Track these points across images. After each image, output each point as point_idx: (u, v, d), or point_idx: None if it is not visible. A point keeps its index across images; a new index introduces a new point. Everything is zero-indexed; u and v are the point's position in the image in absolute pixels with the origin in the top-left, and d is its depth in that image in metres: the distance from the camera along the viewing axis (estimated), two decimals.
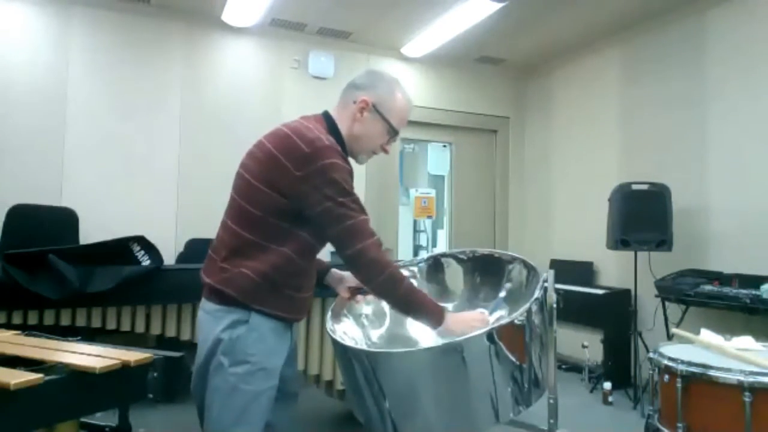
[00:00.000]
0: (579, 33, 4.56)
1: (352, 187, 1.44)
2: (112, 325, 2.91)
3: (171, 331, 2.96)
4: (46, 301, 2.71)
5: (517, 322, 1.37)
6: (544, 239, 5.21)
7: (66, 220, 3.64)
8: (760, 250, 3.40)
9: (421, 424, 1.36)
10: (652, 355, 2.11)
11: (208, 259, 1.54)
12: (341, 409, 3.37)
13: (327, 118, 1.56)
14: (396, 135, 1.60)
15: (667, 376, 2.00)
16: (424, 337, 1.73)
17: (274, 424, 1.56)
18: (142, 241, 3.07)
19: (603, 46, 4.66)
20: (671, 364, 1.97)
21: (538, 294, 1.45)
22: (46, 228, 3.51)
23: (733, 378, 1.80)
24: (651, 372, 2.13)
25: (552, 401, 1.59)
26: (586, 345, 4.15)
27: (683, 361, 1.94)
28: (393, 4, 4.07)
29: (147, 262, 2.99)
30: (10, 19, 3.78)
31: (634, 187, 3.76)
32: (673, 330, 2.49)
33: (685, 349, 2.13)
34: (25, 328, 2.05)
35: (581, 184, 4.83)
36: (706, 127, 3.80)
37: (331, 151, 1.42)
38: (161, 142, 4.15)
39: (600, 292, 4.23)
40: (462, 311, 1.79)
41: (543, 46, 4.86)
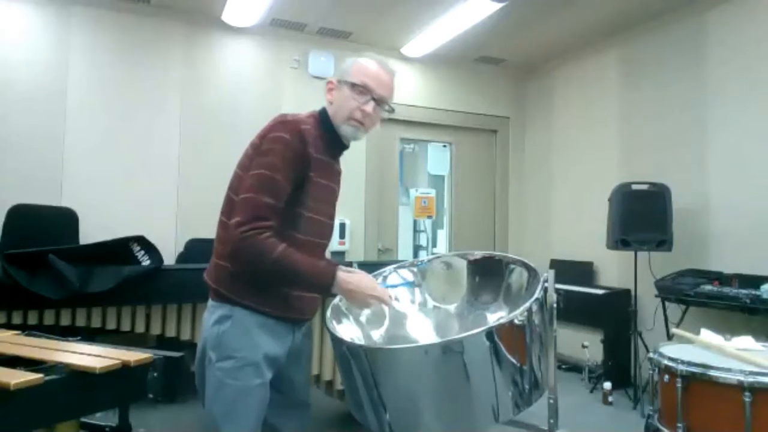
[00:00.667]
0: (579, 33, 4.56)
1: (287, 164, 1.42)
2: (112, 325, 2.91)
3: (171, 331, 2.96)
4: (46, 301, 2.71)
5: (517, 322, 1.37)
6: (544, 239, 5.21)
7: (66, 220, 3.65)
8: (760, 250, 3.40)
9: (419, 422, 1.36)
10: (652, 355, 2.11)
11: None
12: (341, 409, 3.37)
13: (321, 112, 1.61)
14: (366, 92, 1.54)
15: (667, 376, 2.00)
16: (423, 337, 1.73)
17: (279, 429, 1.57)
18: (142, 241, 3.07)
19: (603, 47, 4.66)
20: (671, 364, 1.97)
21: (538, 294, 1.45)
22: (46, 228, 3.51)
23: (733, 378, 1.80)
24: (651, 372, 2.13)
25: (552, 401, 1.59)
26: (586, 345, 4.16)
27: (683, 361, 1.94)
28: (393, 4, 4.07)
29: (147, 262, 2.99)
30: (10, 19, 3.78)
31: (634, 187, 3.76)
32: (673, 330, 2.49)
33: (685, 349, 2.13)
34: (25, 328, 2.06)
35: (581, 184, 4.83)
36: (706, 126, 3.80)
37: (284, 126, 1.46)
38: (161, 142, 4.15)
39: (600, 292, 4.23)
40: (461, 313, 1.80)
41: (543, 46, 4.86)
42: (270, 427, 1.53)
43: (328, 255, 1.94)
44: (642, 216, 3.65)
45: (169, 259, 3.70)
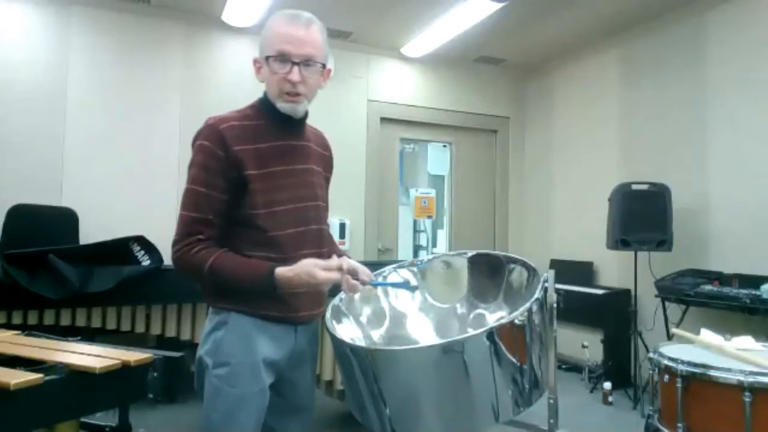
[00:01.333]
0: (579, 33, 4.55)
1: (210, 173, 1.38)
2: (112, 325, 2.91)
3: (171, 331, 2.96)
4: (46, 301, 2.72)
5: (517, 322, 1.37)
6: (544, 239, 5.20)
7: (66, 220, 3.65)
8: (760, 250, 3.40)
9: (420, 422, 1.36)
10: (652, 355, 2.11)
11: None
12: (341, 409, 3.37)
13: (261, 97, 1.55)
14: (286, 59, 1.41)
15: (667, 376, 2.00)
16: (424, 337, 1.73)
17: None
18: (142, 241, 3.07)
19: (603, 47, 4.66)
20: (671, 364, 1.97)
21: (538, 294, 1.45)
22: (46, 228, 3.51)
23: (733, 378, 1.80)
24: (651, 372, 2.13)
25: (552, 401, 1.59)
26: (586, 345, 4.16)
27: (683, 361, 1.94)
28: (393, 4, 4.07)
29: (147, 262, 3.00)
30: (10, 19, 3.78)
31: (634, 187, 3.76)
32: (673, 330, 2.49)
33: (685, 349, 2.13)
34: (25, 328, 2.06)
35: (581, 184, 4.83)
36: (706, 126, 3.80)
37: (203, 132, 1.42)
38: (161, 142, 4.15)
39: (600, 292, 4.23)
40: (461, 312, 1.80)
41: (543, 46, 4.86)
42: (269, 430, 1.47)
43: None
44: (642, 216, 3.65)
45: (169, 259, 3.69)
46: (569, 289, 4.24)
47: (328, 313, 1.57)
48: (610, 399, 3.72)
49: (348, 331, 1.63)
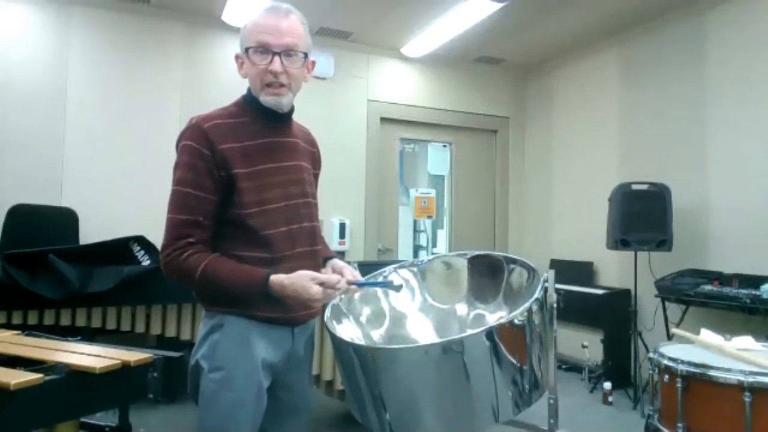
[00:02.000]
0: (579, 33, 4.55)
1: (198, 174, 1.36)
2: (112, 325, 2.91)
3: (171, 331, 2.96)
4: (46, 301, 2.72)
5: (517, 322, 1.37)
6: (544, 239, 5.20)
7: (66, 220, 3.65)
8: (760, 250, 3.40)
9: (419, 422, 1.36)
10: (652, 355, 2.11)
11: None
12: (341, 409, 3.37)
13: (247, 91, 1.52)
14: (266, 50, 1.39)
15: (667, 376, 2.00)
16: (424, 337, 1.73)
17: None
18: (142, 241, 3.07)
19: (603, 47, 4.65)
20: (671, 364, 1.97)
21: (538, 294, 1.45)
22: (46, 228, 3.51)
23: (733, 378, 1.80)
24: (651, 372, 2.13)
25: (552, 401, 1.59)
26: (586, 345, 4.16)
27: (683, 361, 1.94)
28: (393, 4, 4.07)
29: (147, 262, 3.00)
30: (10, 19, 3.78)
31: (634, 187, 3.76)
32: (673, 330, 2.49)
33: (685, 349, 2.13)
34: (25, 328, 2.06)
35: (581, 184, 4.83)
36: (706, 126, 3.80)
37: (187, 132, 1.40)
38: (161, 142, 4.14)
39: (600, 292, 4.23)
40: (461, 312, 1.80)
41: (543, 46, 4.86)
42: None
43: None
44: (642, 216, 3.65)
45: None
46: (569, 289, 4.24)
47: (328, 313, 1.57)
48: (610, 399, 3.72)
49: (348, 330, 1.63)
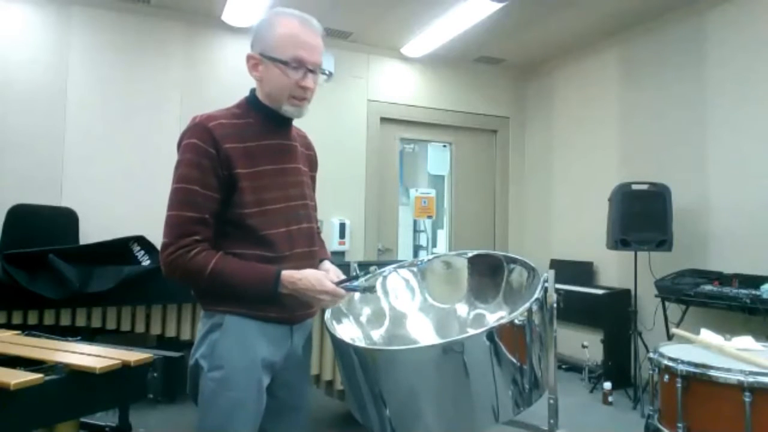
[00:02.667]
0: (579, 33, 4.55)
1: (203, 171, 1.36)
2: (112, 325, 2.91)
3: (171, 331, 2.96)
4: (46, 301, 2.72)
5: (517, 322, 1.37)
6: (544, 239, 5.20)
7: (66, 220, 3.65)
8: (761, 250, 3.40)
9: (420, 422, 1.36)
10: (652, 355, 2.11)
11: None
12: (341, 409, 3.37)
13: (250, 96, 1.53)
14: (301, 66, 1.41)
15: (667, 376, 2.00)
16: (424, 337, 1.73)
17: None
18: (142, 241, 3.07)
19: (603, 47, 4.65)
20: (671, 364, 1.97)
21: (538, 294, 1.45)
22: (46, 228, 3.52)
23: (733, 378, 1.80)
24: (651, 372, 2.13)
25: (552, 401, 1.59)
26: (586, 345, 4.16)
27: (683, 361, 1.94)
28: (393, 4, 4.07)
29: (147, 262, 3.00)
30: (10, 19, 3.78)
31: (634, 187, 3.77)
32: (673, 330, 2.49)
33: (685, 349, 2.13)
34: (25, 328, 2.06)
35: (581, 184, 4.83)
36: (706, 126, 3.80)
37: (191, 130, 1.39)
38: (161, 142, 4.15)
39: (600, 292, 4.23)
40: (461, 312, 1.80)
41: (543, 46, 4.86)
42: None
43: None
44: (642, 216, 3.65)
45: None
46: (569, 289, 4.24)
47: (328, 314, 1.57)
48: (610, 399, 3.72)
49: (348, 331, 1.63)
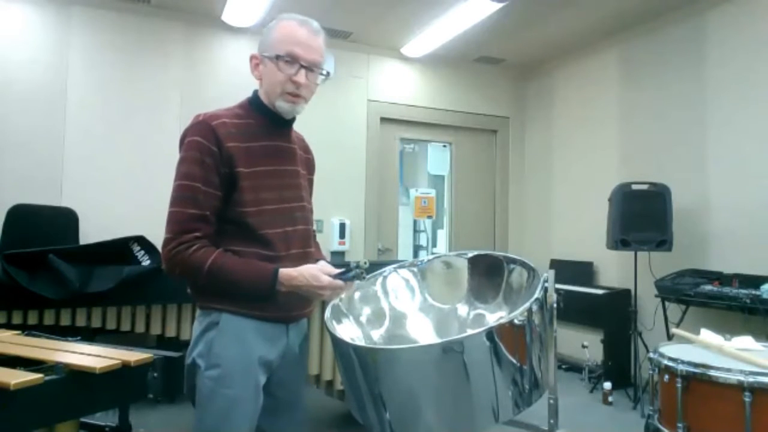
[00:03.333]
0: (579, 33, 4.55)
1: (205, 169, 1.38)
2: (112, 325, 2.91)
3: (171, 331, 2.96)
4: (46, 301, 2.72)
5: (517, 322, 1.37)
6: (544, 239, 5.20)
7: (66, 220, 3.65)
8: (761, 250, 3.40)
9: (419, 422, 1.36)
10: (652, 355, 2.11)
11: None
12: (341, 409, 3.37)
13: (252, 96, 1.55)
14: (295, 61, 1.44)
15: (667, 376, 2.00)
16: (424, 337, 1.73)
17: None
18: (142, 241, 3.07)
19: (603, 47, 4.65)
20: (671, 364, 1.97)
21: (538, 294, 1.45)
22: (46, 228, 3.52)
23: (733, 378, 1.80)
24: (651, 372, 2.13)
25: (552, 401, 1.59)
26: (586, 345, 4.16)
27: (683, 361, 1.94)
28: (393, 4, 4.07)
29: (147, 262, 3.00)
30: (10, 19, 3.78)
31: (634, 187, 3.77)
32: (673, 330, 2.49)
33: (685, 349, 2.13)
34: (25, 328, 2.06)
35: (581, 184, 4.83)
36: (706, 126, 3.80)
37: (194, 128, 1.40)
38: (161, 142, 4.15)
39: (600, 292, 4.23)
40: (461, 312, 1.79)
41: (543, 46, 4.86)
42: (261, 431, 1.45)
43: (326, 254, 1.92)
44: (642, 216, 3.65)
45: None
46: (569, 289, 4.24)
47: (328, 313, 1.57)
48: (610, 399, 3.72)
49: (348, 331, 1.63)
